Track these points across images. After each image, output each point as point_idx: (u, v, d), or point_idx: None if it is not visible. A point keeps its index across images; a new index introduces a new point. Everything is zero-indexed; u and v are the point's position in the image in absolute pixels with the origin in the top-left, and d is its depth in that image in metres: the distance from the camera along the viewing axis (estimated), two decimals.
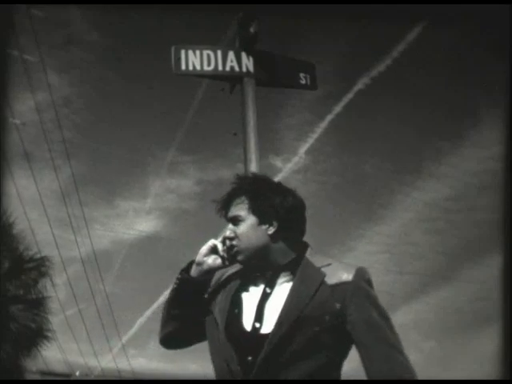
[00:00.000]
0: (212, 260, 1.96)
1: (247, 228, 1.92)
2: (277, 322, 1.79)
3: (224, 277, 2.02)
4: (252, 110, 4.56)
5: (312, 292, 1.82)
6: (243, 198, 1.95)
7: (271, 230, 1.92)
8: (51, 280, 13.00)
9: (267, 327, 1.81)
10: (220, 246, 1.97)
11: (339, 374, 1.87)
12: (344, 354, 1.87)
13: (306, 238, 2.02)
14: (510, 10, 2.99)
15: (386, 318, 1.83)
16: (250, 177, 2.05)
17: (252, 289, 1.93)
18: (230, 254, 1.94)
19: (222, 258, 1.97)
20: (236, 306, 1.89)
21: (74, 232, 15.75)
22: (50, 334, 12.88)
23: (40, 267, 12.92)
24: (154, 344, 2.19)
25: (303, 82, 4.79)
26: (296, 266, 1.90)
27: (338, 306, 1.81)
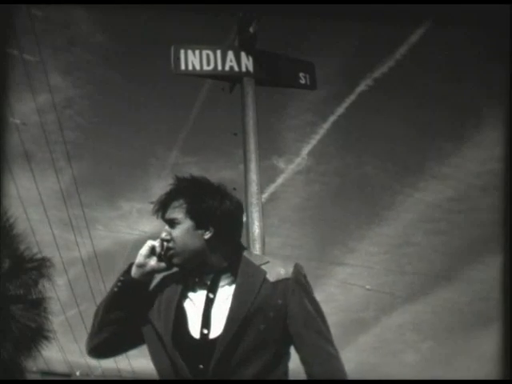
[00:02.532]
0: (155, 262, 1.93)
1: (183, 232, 1.91)
2: (226, 323, 1.80)
3: (160, 282, 1.98)
4: (252, 110, 4.56)
5: (256, 290, 1.85)
6: (181, 201, 1.93)
7: (207, 235, 1.91)
8: (51, 280, 13.02)
9: (215, 332, 1.81)
10: (158, 248, 1.93)
11: (287, 371, 1.90)
12: (288, 350, 1.91)
13: (307, 238, 2.04)
14: (510, 10, 2.99)
15: (320, 312, 1.92)
16: (189, 179, 1.99)
17: (194, 295, 1.91)
18: (166, 256, 1.92)
19: (161, 260, 1.93)
20: (180, 314, 1.87)
21: (74, 233, 15.75)
22: (50, 334, 12.91)
23: (40, 267, 12.93)
24: None
25: (303, 81, 4.79)
26: (236, 267, 1.91)
27: (280, 301, 1.85)
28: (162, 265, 1.94)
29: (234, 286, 1.87)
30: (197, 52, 4.57)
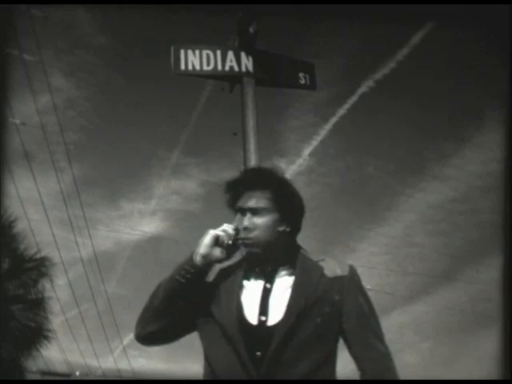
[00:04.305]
0: (219, 252, 1.95)
1: (268, 222, 1.96)
2: (285, 312, 1.85)
3: (220, 271, 2.01)
4: (252, 110, 4.56)
5: (314, 283, 1.91)
6: (268, 192, 1.99)
7: (285, 229, 1.98)
8: (51, 280, 13.02)
9: (273, 319, 1.86)
10: (226, 237, 1.95)
11: (335, 369, 1.94)
12: (337, 347, 1.96)
13: (309, 239, 2.08)
14: (509, 10, 2.99)
15: (373, 312, 1.98)
16: (274, 173, 2.06)
17: (250, 284, 1.95)
18: (246, 243, 1.95)
19: (225, 249, 1.95)
20: (239, 302, 1.91)
21: (74, 233, 15.75)
22: (50, 334, 12.90)
23: (40, 267, 12.92)
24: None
25: (302, 81, 4.79)
26: (294, 260, 1.97)
27: (336, 297, 1.92)
28: (224, 254, 1.97)
29: (292, 278, 1.93)
30: (197, 52, 4.57)
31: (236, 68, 4.62)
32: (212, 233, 1.96)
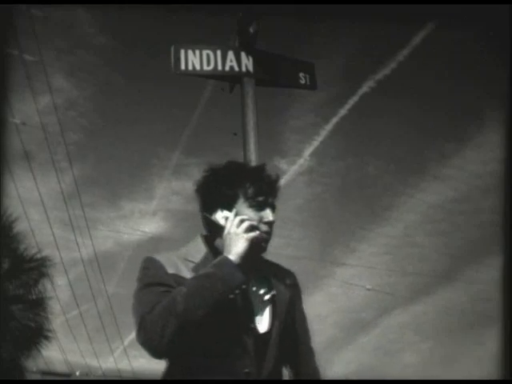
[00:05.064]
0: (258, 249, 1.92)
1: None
2: (274, 319, 1.88)
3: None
4: (252, 110, 4.56)
5: (289, 291, 1.97)
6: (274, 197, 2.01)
7: None
8: (51, 280, 13.02)
9: (263, 327, 1.87)
10: (260, 238, 1.88)
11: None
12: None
13: (309, 239, 2.16)
14: (510, 10, 2.99)
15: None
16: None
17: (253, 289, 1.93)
18: (266, 239, 1.91)
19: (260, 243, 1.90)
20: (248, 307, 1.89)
21: (74, 233, 15.76)
22: (50, 334, 12.90)
23: (40, 267, 12.92)
24: None
25: (303, 81, 4.78)
26: (270, 264, 2.01)
27: (297, 305, 2.02)
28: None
29: (266, 283, 1.93)
30: (197, 52, 4.57)
31: (236, 68, 4.62)
32: (248, 238, 1.83)
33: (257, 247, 1.87)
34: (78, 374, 18.03)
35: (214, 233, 1.95)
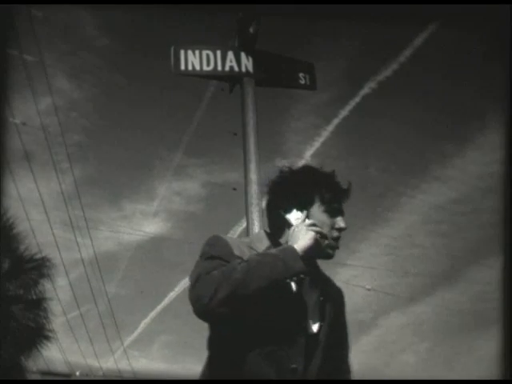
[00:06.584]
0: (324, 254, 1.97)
1: None
2: (323, 324, 1.91)
3: None
4: (252, 110, 4.56)
5: (337, 304, 2.03)
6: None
7: None
8: (51, 280, 13.03)
9: (314, 328, 1.89)
10: (323, 239, 1.91)
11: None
12: None
13: None
14: (510, 10, 2.98)
15: None
16: None
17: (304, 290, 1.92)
18: (336, 246, 1.96)
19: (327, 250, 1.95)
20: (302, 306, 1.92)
21: (74, 234, 15.76)
22: (50, 334, 12.90)
23: (41, 267, 12.93)
24: (158, 346, 2.10)
25: (302, 82, 4.79)
26: (324, 274, 2.06)
27: (341, 309, 2.05)
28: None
29: (323, 291, 1.97)
30: (197, 52, 4.57)
31: (236, 68, 4.62)
32: (315, 237, 1.86)
33: (319, 250, 1.89)
34: (78, 374, 18.04)
35: (280, 230, 1.97)
